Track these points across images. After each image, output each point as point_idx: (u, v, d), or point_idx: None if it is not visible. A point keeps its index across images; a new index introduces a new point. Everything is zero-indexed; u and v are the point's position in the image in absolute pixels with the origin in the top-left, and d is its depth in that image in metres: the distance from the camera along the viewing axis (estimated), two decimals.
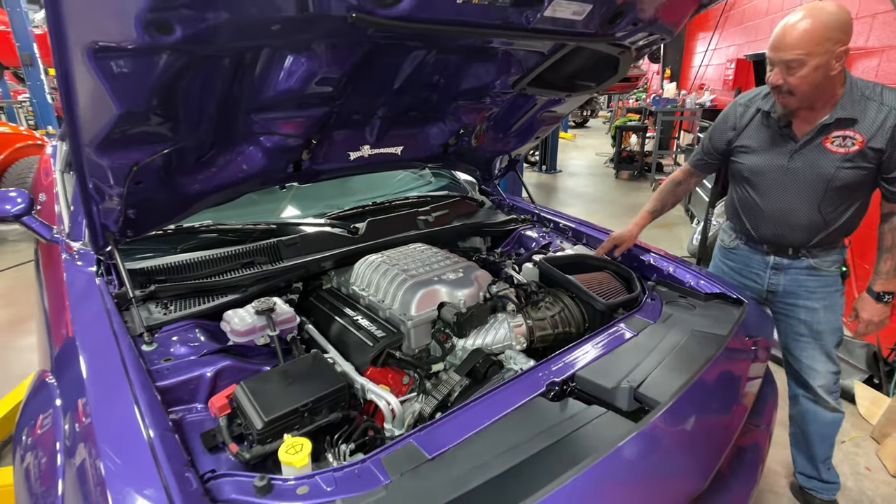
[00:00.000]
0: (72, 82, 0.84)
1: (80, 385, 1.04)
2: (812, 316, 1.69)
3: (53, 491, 0.91)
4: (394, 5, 0.90)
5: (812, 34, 1.35)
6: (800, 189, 1.56)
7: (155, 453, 0.87)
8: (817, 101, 1.47)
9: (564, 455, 0.96)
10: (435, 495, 0.87)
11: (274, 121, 1.29)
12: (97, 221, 1.29)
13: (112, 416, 0.95)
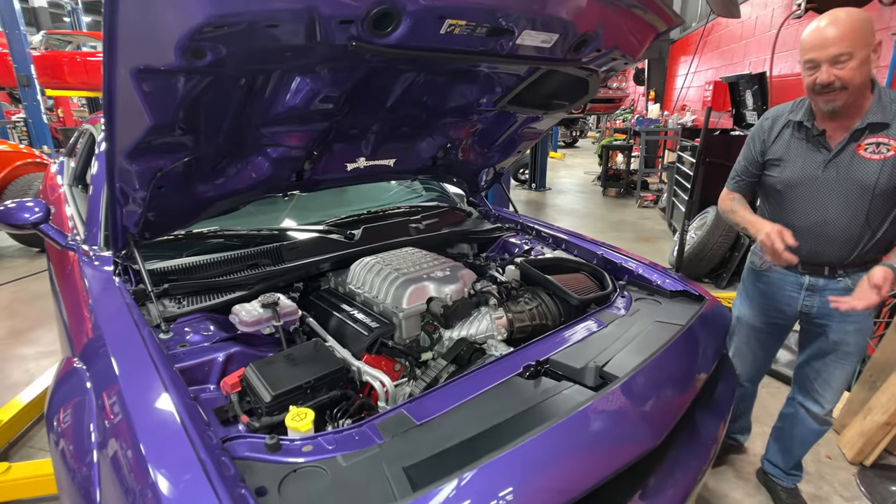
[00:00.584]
0: (115, 98, 1.00)
1: (109, 366, 1.17)
2: (843, 337, 1.65)
3: (89, 460, 1.03)
4: (388, 35, 1.07)
5: (854, 27, 1.35)
6: (838, 200, 1.51)
7: (180, 416, 1.00)
8: (857, 102, 1.45)
9: (533, 418, 1.11)
10: (421, 451, 1.01)
11: (280, 134, 1.46)
12: (119, 224, 1.44)
13: (140, 388, 1.08)
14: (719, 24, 7.09)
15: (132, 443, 0.96)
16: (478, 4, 1.15)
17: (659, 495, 1.23)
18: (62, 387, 1.24)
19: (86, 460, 1.04)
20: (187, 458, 0.92)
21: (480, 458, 0.98)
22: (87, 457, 1.04)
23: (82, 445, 1.06)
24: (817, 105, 1.49)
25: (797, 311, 1.71)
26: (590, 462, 1.06)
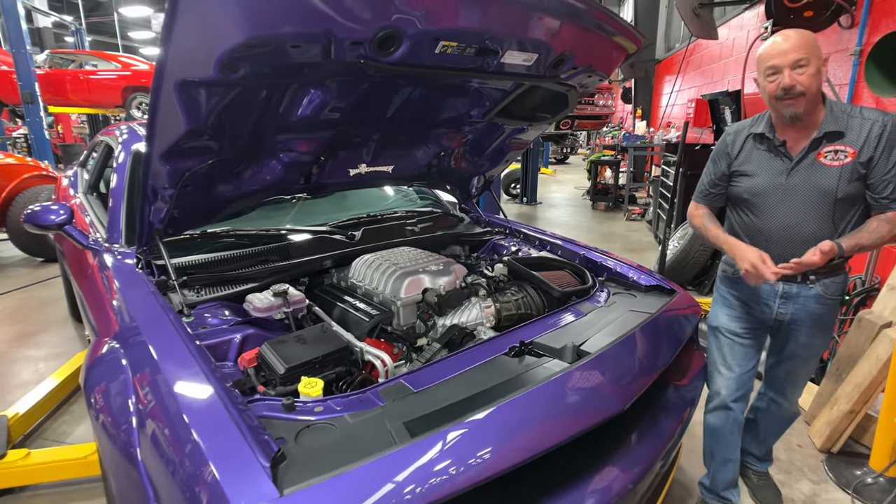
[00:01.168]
0: (158, 106, 1.17)
1: (142, 343, 1.32)
2: (811, 339, 1.72)
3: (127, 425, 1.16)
4: (391, 54, 1.26)
5: (808, 39, 1.49)
6: (803, 205, 1.58)
7: (210, 381, 1.16)
8: (814, 111, 1.54)
9: (516, 385, 1.27)
10: (417, 411, 1.17)
11: (293, 141, 1.64)
12: (146, 220, 1.61)
13: (174, 360, 1.23)
14: (700, 44, 7.41)
15: (171, 404, 1.11)
16: (466, 29, 1.34)
17: (634, 455, 1.39)
18: (99, 364, 1.38)
19: (124, 425, 1.17)
20: (219, 412, 1.07)
21: (470, 413, 1.14)
22: (125, 422, 1.17)
23: (121, 412, 1.20)
24: (779, 113, 1.56)
25: (773, 318, 1.73)
26: (565, 418, 1.22)
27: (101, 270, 1.85)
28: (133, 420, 1.17)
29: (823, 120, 1.54)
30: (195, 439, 1.01)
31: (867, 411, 2.33)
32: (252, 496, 0.89)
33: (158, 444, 1.08)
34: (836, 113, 1.55)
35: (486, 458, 1.06)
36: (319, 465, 0.98)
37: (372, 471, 0.98)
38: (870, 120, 1.51)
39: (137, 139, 2.42)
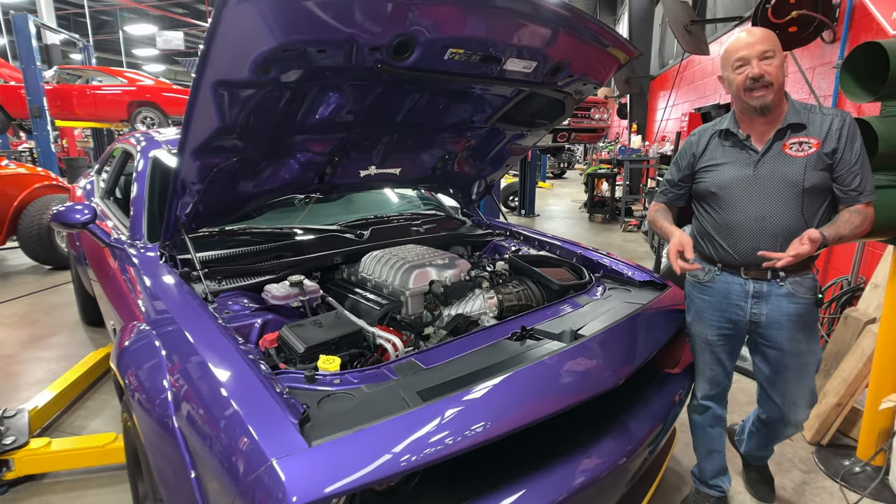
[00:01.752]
0: (195, 105, 1.30)
1: (174, 324, 1.43)
2: (797, 347, 1.67)
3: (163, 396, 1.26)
4: (405, 59, 1.39)
5: (771, 34, 1.56)
6: (772, 196, 1.60)
7: (239, 354, 1.26)
8: (778, 103, 1.58)
9: (517, 361, 1.37)
10: (428, 383, 1.27)
11: (310, 141, 1.77)
12: (173, 214, 1.72)
13: (205, 337, 1.34)
14: (693, 60, 7.64)
15: (207, 376, 1.21)
16: (472, 37, 1.48)
17: (628, 433, 1.49)
18: (132, 346, 1.48)
19: (159, 399, 1.26)
20: (251, 380, 1.18)
21: (478, 383, 1.25)
22: (160, 396, 1.26)
23: (156, 387, 1.29)
24: (746, 105, 1.59)
25: (747, 320, 1.70)
26: (564, 390, 1.32)
27: (126, 264, 1.96)
28: (168, 394, 1.26)
29: (786, 113, 1.59)
30: (231, 404, 1.11)
31: (853, 404, 2.43)
32: (284, 447, 1.00)
33: (196, 412, 1.17)
34: (798, 108, 1.60)
35: (493, 421, 1.16)
36: (341, 425, 1.08)
37: (390, 427, 1.08)
38: (829, 115, 1.57)
39: (157, 146, 2.55)
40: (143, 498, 1.70)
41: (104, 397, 2.80)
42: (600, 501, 1.42)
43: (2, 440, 2.05)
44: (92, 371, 2.87)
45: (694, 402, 1.95)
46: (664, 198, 1.89)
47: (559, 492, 1.25)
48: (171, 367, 1.30)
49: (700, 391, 1.91)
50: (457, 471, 1.26)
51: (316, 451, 1.00)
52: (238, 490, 0.98)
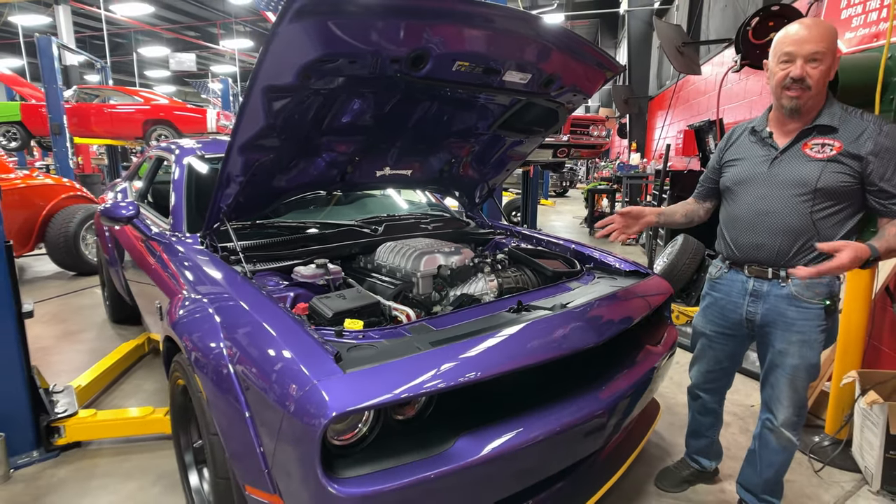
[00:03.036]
0: (247, 107, 1.58)
1: (224, 291, 1.69)
2: (787, 348, 1.64)
3: (218, 350, 1.49)
4: (420, 70, 1.67)
5: (830, 34, 1.46)
6: (779, 193, 1.58)
7: (284, 311, 1.52)
8: (814, 105, 1.53)
9: (511, 324, 1.61)
10: (436, 338, 1.51)
11: (335, 142, 2.05)
12: (216, 204, 1.99)
13: (252, 301, 1.60)
14: (688, 81, 7.99)
15: (258, 327, 1.47)
16: (475, 52, 1.76)
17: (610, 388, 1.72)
18: (187, 313, 1.72)
19: (216, 351, 1.51)
20: (294, 329, 1.44)
21: (478, 336, 1.49)
22: (217, 349, 1.51)
23: (213, 341, 1.53)
24: (780, 102, 1.55)
25: (742, 317, 1.72)
26: (552, 343, 1.57)
27: (170, 251, 2.22)
28: (224, 349, 1.50)
29: (819, 114, 1.54)
30: (281, 345, 1.37)
31: (822, 388, 2.65)
32: (325, 373, 1.25)
33: (250, 358, 1.41)
34: (836, 109, 1.54)
35: (492, 363, 1.41)
36: (367, 363, 1.33)
37: (406, 363, 1.34)
38: (867, 121, 1.50)
39: (191, 152, 2.83)
40: (185, 448, 1.93)
41: (137, 382, 3.04)
42: (582, 445, 1.65)
43: (54, 409, 2.29)
44: (125, 359, 3.11)
45: (689, 385, 2.06)
46: (696, 193, 1.93)
47: (548, 428, 1.48)
48: (225, 326, 1.55)
49: (693, 378, 2.01)
50: (466, 411, 1.50)
51: (349, 376, 1.25)
52: (288, 409, 1.23)
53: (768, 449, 1.78)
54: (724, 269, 1.79)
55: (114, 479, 2.13)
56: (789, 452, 1.77)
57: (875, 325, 2.76)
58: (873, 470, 2.17)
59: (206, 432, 1.54)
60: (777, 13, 3.55)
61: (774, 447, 1.76)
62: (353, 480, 1.22)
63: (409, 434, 1.40)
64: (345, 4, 1.39)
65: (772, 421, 1.75)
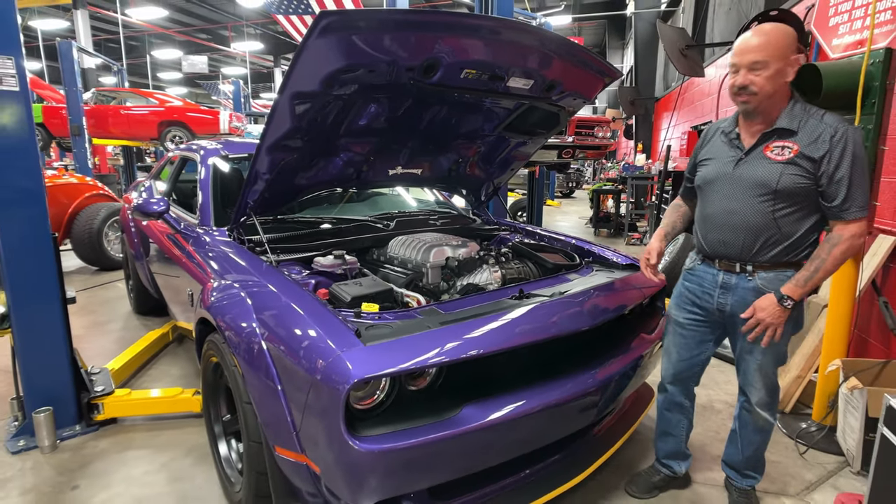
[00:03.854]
0: (276, 110, 1.76)
1: (253, 278, 1.87)
2: (756, 337, 1.72)
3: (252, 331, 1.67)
4: (431, 77, 1.85)
5: (773, 41, 1.53)
6: (742, 192, 1.66)
7: (309, 294, 1.69)
8: (768, 109, 1.61)
9: (513, 307, 1.78)
10: (445, 319, 1.68)
11: (352, 143, 2.23)
12: (244, 200, 2.18)
13: (280, 285, 1.78)
14: (693, 82, 8.10)
15: (286, 307, 1.64)
16: (481, 61, 1.93)
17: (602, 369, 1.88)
18: (220, 297, 1.90)
19: (247, 330, 1.68)
20: (319, 308, 1.62)
21: (483, 317, 1.66)
22: (249, 327, 1.68)
23: (245, 321, 1.71)
24: (737, 106, 1.67)
25: (714, 307, 1.81)
26: (550, 323, 1.73)
27: (199, 243, 2.42)
28: (254, 324, 1.67)
29: (779, 117, 1.60)
30: (308, 322, 1.55)
31: (810, 377, 2.79)
32: (347, 345, 1.42)
33: (280, 333, 1.59)
34: (796, 112, 1.60)
35: (496, 339, 1.58)
36: (383, 338, 1.50)
37: (419, 338, 1.51)
38: (826, 124, 1.56)
39: (215, 153, 3.03)
40: (215, 420, 2.12)
41: (163, 367, 3.24)
42: (576, 419, 1.81)
43: (94, 387, 2.49)
44: (152, 346, 3.32)
45: (660, 382, 2.10)
46: (681, 192, 2.03)
47: (545, 401, 1.64)
48: (256, 308, 1.73)
49: (663, 371, 2.06)
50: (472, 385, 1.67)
51: (369, 348, 1.43)
52: (315, 376, 1.40)
53: (747, 429, 1.91)
54: (698, 262, 1.88)
55: (149, 451, 2.33)
56: (766, 431, 1.90)
57: (863, 318, 2.90)
58: (854, 452, 2.31)
59: (239, 402, 1.72)
60: (775, 17, 3.69)
61: (752, 427, 1.89)
62: (371, 438, 1.39)
63: (421, 402, 1.57)
64: (366, 21, 1.57)
65: (748, 403, 1.86)
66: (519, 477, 1.81)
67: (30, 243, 2.24)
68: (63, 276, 2.38)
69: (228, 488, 1.98)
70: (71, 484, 2.11)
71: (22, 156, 2.17)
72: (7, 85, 2.07)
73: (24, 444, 2.32)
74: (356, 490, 1.42)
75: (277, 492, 1.64)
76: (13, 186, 2.16)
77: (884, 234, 2.73)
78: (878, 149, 2.24)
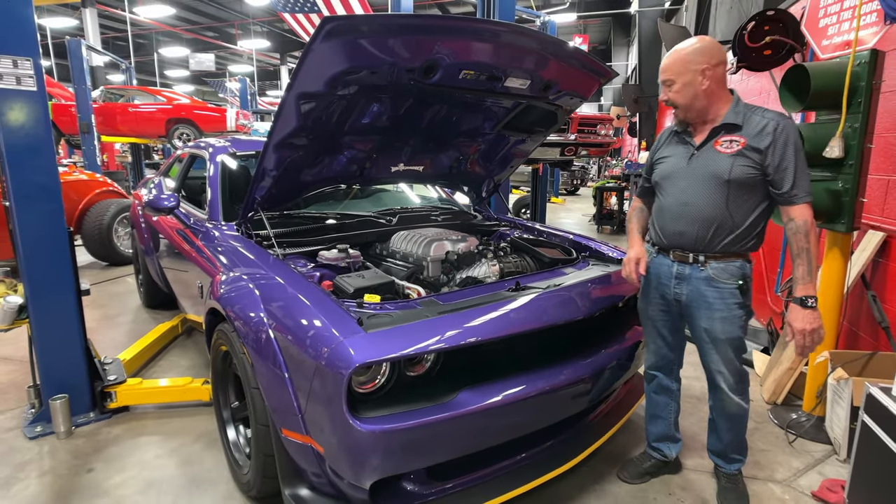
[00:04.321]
0: (283, 111, 1.85)
1: (260, 268, 1.97)
2: (711, 325, 1.83)
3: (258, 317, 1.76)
4: (431, 78, 1.93)
5: (676, 59, 1.73)
6: (698, 185, 1.77)
7: (315, 285, 1.78)
8: (705, 112, 1.75)
9: (509, 298, 1.87)
10: (443, 308, 1.77)
11: (355, 141, 2.31)
12: (252, 195, 2.27)
13: (287, 276, 1.87)
14: None
15: (293, 297, 1.73)
16: (479, 62, 2.01)
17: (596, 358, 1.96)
18: (230, 288, 1.99)
19: (256, 319, 1.77)
20: (323, 298, 1.70)
21: (480, 307, 1.75)
22: (257, 317, 1.77)
23: (254, 311, 1.80)
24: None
25: (672, 297, 1.91)
26: (543, 313, 1.81)
27: (209, 238, 2.51)
28: (262, 314, 1.76)
29: (726, 114, 1.75)
30: (313, 312, 1.63)
31: (801, 369, 2.85)
32: (350, 332, 1.51)
33: (286, 322, 1.68)
34: (739, 109, 1.75)
35: (491, 328, 1.67)
36: (384, 326, 1.59)
37: (417, 326, 1.60)
38: (766, 118, 1.70)
39: (223, 151, 3.12)
40: (224, 406, 2.22)
41: (173, 359, 3.34)
42: (568, 405, 1.89)
43: (107, 376, 2.59)
44: (162, 338, 3.42)
45: (645, 370, 2.20)
46: (639, 192, 2.13)
47: (538, 387, 1.73)
48: (263, 298, 1.82)
49: (647, 361, 2.16)
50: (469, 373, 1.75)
51: (370, 335, 1.52)
52: (320, 362, 1.49)
53: (723, 416, 1.97)
54: (654, 254, 1.97)
55: (160, 437, 2.43)
56: (741, 416, 1.96)
57: (854, 312, 2.96)
58: (841, 440, 2.38)
59: (248, 387, 1.81)
60: (772, 17, 3.74)
61: (727, 413, 1.95)
62: (371, 419, 1.48)
63: (419, 387, 1.66)
64: (368, 25, 1.66)
65: (719, 391, 1.93)
66: (515, 460, 1.89)
67: (47, 237, 2.34)
68: (77, 269, 2.48)
69: (237, 471, 2.07)
70: (86, 467, 2.21)
71: (40, 153, 2.27)
72: (26, 85, 2.17)
73: (41, 430, 2.42)
74: (358, 469, 1.51)
75: (284, 473, 1.74)
76: (32, 183, 2.26)
77: (873, 230, 2.79)
78: (864, 147, 2.30)
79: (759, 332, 3.63)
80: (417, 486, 1.71)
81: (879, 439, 1.83)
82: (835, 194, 2.38)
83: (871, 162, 2.76)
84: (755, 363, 3.36)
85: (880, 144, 2.73)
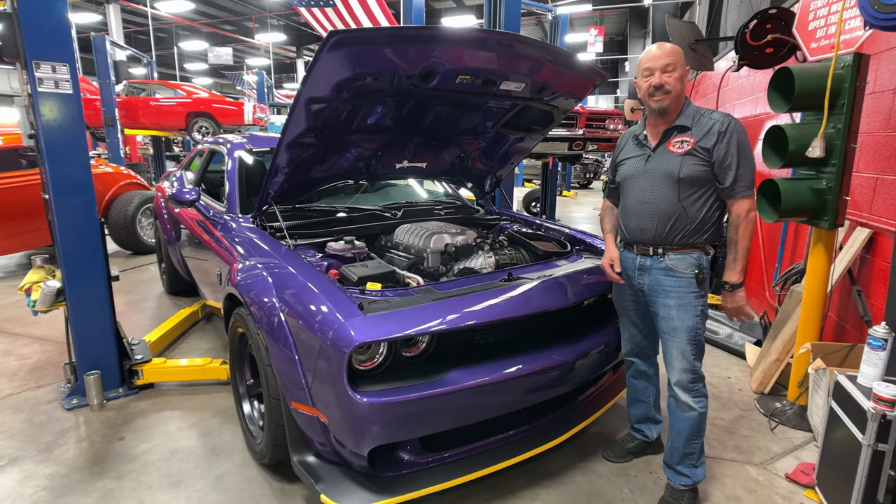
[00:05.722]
0: (294, 112, 2.03)
1: (274, 259, 2.15)
2: (668, 313, 1.92)
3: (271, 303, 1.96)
4: (429, 83, 2.10)
5: (675, 51, 1.83)
6: (654, 184, 1.89)
7: (321, 274, 1.96)
8: (675, 107, 1.85)
9: (500, 287, 2.03)
10: (438, 295, 1.94)
11: (361, 140, 2.49)
12: (266, 190, 2.46)
13: (297, 265, 2.05)
14: (706, 75, 8.14)
15: (302, 285, 1.91)
16: (474, 68, 2.17)
17: (580, 344, 2.12)
18: (246, 275, 2.18)
19: (269, 304, 1.96)
20: (328, 285, 1.88)
21: (473, 294, 1.91)
22: (270, 302, 1.96)
23: (267, 296, 1.99)
24: (650, 107, 1.88)
25: (637, 287, 2.02)
26: (531, 301, 1.97)
27: (227, 228, 2.71)
28: (274, 300, 1.95)
29: (678, 117, 1.87)
30: (319, 297, 1.82)
31: (788, 360, 2.97)
32: (351, 315, 1.69)
33: (295, 306, 1.86)
34: (689, 112, 1.86)
35: (483, 313, 1.84)
36: (382, 310, 1.77)
37: (414, 310, 1.77)
38: (714, 119, 1.83)
39: (241, 146, 3.32)
40: (240, 383, 2.42)
41: (193, 342, 3.57)
42: (552, 386, 2.05)
43: (135, 356, 2.82)
44: (183, 322, 3.66)
45: (623, 357, 2.30)
46: (607, 193, 2.24)
47: (524, 368, 1.89)
48: (276, 285, 2.01)
49: (623, 348, 2.26)
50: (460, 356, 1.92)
51: (369, 318, 1.69)
52: (325, 342, 1.67)
53: (675, 416, 1.99)
54: (620, 248, 2.10)
55: (182, 411, 2.65)
56: (692, 419, 1.93)
57: (841, 306, 3.06)
58: (820, 428, 2.49)
59: (262, 365, 2.00)
60: (774, 16, 3.81)
61: (678, 414, 1.97)
62: (370, 393, 1.66)
63: (414, 367, 1.84)
64: (370, 37, 1.82)
65: (670, 387, 1.98)
66: (504, 436, 2.07)
67: (81, 227, 2.56)
68: (108, 257, 2.70)
69: (251, 441, 2.28)
70: (117, 436, 2.44)
71: (75, 150, 2.48)
72: (63, 89, 2.38)
73: (76, 403, 2.66)
74: (358, 437, 1.69)
75: (293, 441, 1.93)
76: (69, 177, 2.48)
77: (861, 227, 2.88)
78: (848, 147, 2.40)
79: (753, 326, 3.73)
80: (412, 455, 1.89)
81: (843, 423, 1.96)
82: (819, 192, 2.49)
83: (860, 160, 2.86)
84: (747, 355, 3.47)
85: (869, 144, 2.82)
